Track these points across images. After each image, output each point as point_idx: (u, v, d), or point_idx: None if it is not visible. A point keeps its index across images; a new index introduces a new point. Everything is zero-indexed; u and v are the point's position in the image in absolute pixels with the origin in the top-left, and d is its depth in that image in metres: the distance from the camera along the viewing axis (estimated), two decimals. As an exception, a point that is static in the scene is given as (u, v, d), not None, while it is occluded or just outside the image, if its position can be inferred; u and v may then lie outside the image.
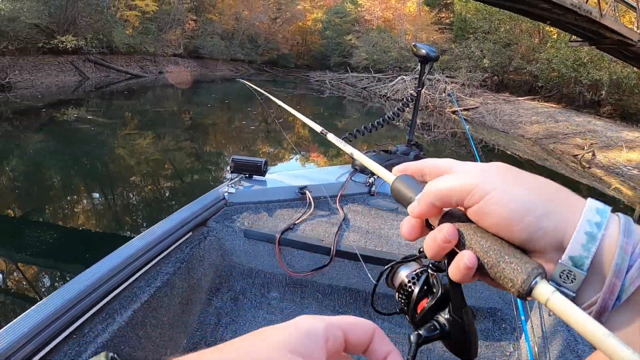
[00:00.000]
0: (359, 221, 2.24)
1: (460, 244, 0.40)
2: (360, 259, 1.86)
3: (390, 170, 0.49)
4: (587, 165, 10.00)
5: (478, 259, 0.38)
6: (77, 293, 1.28)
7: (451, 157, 0.44)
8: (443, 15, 31.06)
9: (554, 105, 17.26)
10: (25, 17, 15.49)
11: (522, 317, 1.81)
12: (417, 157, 2.73)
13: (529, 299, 0.35)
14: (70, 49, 18.44)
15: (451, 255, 0.40)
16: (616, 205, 7.62)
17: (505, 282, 0.36)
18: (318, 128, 0.98)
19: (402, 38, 29.10)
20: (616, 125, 13.51)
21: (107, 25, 20.39)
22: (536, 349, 1.63)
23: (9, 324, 1.12)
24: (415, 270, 0.57)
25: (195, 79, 26.56)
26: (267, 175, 2.38)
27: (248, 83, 3.14)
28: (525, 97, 18.70)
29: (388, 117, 2.91)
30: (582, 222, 0.35)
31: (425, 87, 2.62)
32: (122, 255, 1.50)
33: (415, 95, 2.79)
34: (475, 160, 4.19)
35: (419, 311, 0.53)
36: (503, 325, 1.91)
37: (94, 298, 1.33)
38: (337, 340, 0.34)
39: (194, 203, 2.03)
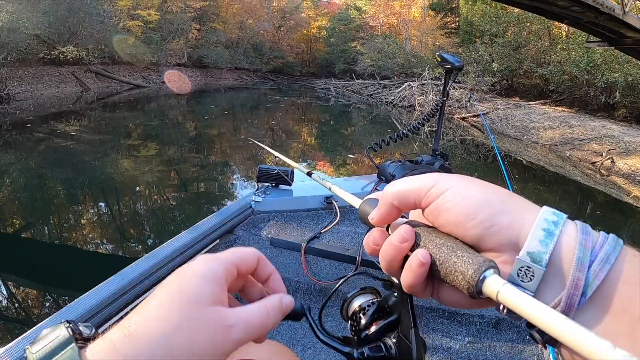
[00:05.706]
0: None
1: (415, 246, 0.40)
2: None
3: None
4: (606, 173, 9.52)
5: (431, 257, 0.38)
6: (105, 297, 1.30)
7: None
8: (448, 19, 30.89)
9: (566, 110, 16.83)
10: (25, 27, 15.30)
11: None
12: (442, 167, 2.60)
13: (481, 297, 0.35)
14: (71, 59, 18.28)
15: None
16: (634, 213, 7.23)
17: (456, 276, 0.36)
18: (305, 170, 1.08)
19: (407, 44, 28.88)
20: (632, 129, 13.03)
21: (108, 36, 20.22)
22: None
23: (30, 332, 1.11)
24: (370, 300, 0.57)
25: (200, 88, 26.37)
26: (293, 185, 2.41)
27: (254, 140, 3.40)
28: (536, 102, 18.26)
29: (413, 127, 2.69)
30: (539, 220, 0.35)
31: (449, 97, 2.40)
32: (150, 261, 1.54)
33: (440, 105, 2.55)
34: (501, 171, 3.77)
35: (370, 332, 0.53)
36: (527, 337, 1.87)
37: (121, 303, 1.36)
38: (233, 276, 0.40)
39: (221, 211, 2.09)
